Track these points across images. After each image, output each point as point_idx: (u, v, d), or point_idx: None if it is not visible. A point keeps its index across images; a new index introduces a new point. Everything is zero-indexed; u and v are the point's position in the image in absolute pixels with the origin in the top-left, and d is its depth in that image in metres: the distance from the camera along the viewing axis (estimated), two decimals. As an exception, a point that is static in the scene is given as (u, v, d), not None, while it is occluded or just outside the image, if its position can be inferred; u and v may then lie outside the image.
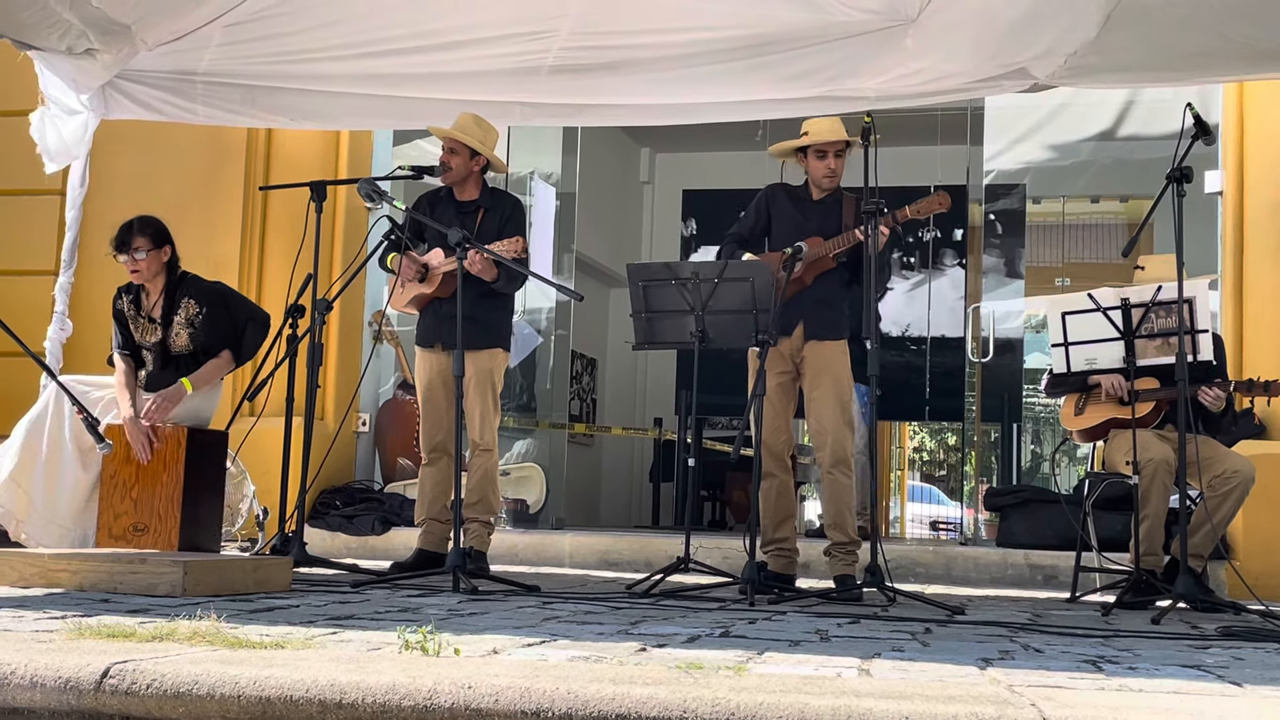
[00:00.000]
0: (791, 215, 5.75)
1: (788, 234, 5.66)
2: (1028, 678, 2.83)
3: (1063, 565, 6.58)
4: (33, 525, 5.56)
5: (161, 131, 7.58)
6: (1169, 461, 5.44)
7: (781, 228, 5.75)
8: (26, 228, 8.10)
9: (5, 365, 6.74)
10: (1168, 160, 5.16)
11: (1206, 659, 3.42)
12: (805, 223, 5.68)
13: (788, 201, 5.80)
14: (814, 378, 5.64)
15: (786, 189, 5.88)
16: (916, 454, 21.87)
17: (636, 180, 13.14)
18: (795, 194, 5.83)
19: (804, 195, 5.81)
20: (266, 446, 6.16)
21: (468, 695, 2.36)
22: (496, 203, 6.00)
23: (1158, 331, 5.37)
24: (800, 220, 5.71)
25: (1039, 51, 5.89)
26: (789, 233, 5.66)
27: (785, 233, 5.69)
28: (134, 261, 5.73)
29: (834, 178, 5.71)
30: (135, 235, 5.75)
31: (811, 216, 5.71)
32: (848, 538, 5.56)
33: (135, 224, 5.78)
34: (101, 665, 2.49)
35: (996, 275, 9.18)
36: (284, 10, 6.43)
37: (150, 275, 5.79)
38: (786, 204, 5.80)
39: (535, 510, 8.61)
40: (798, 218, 5.72)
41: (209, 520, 5.68)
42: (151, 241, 5.76)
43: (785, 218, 5.76)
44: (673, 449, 10.98)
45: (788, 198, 5.82)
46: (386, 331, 8.21)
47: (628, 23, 6.39)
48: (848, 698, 2.32)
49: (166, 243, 5.83)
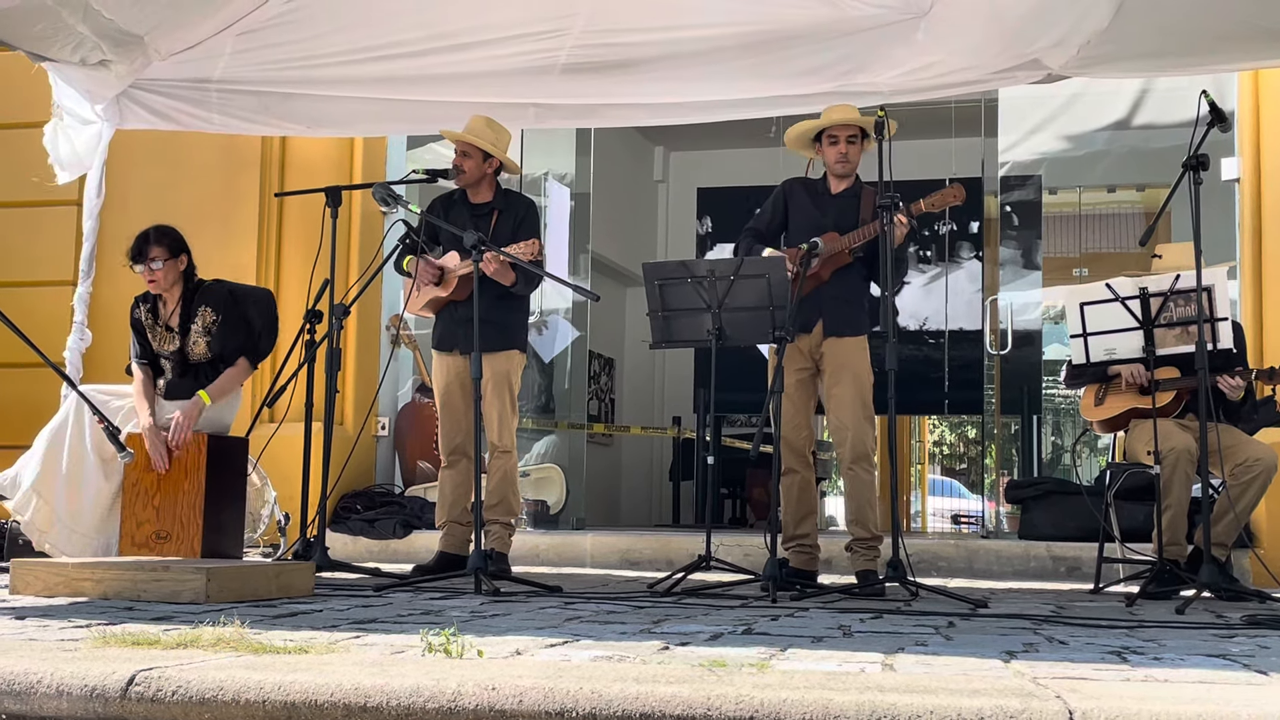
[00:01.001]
0: (808, 210, 5.72)
1: (804, 229, 5.63)
2: (1052, 670, 2.82)
3: (1085, 557, 6.56)
4: (56, 535, 5.58)
5: (177, 141, 7.60)
6: (1190, 451, 5.42)
7: (799, 222, 5.72)
8: (44, 238, 8.14)
9: (26, 376, 6.77)
10: (1183, 148, 5.14)
11: (1232, 648, 3.41)
12: (822, 217, 5.65)
13: (805, 196, 5.78)
14: (834, 374, 5.62)
15: (804, 183, 5.84)
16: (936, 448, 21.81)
17: (651, 179, 13.14)
18: (813, 188, 5.80)
19: (822, 189, 5.77)
20: (287, 452, 6.18)
21: (492, 696, 2.36)
22: (510, 205, 6.00)
23: (1177, 320, 5.35)
24: (817, 215, 5.68)
25: (1052, 42, 5.87)
26: (806, 227, 5.63)
27: (802, 227, 5.66)
28: (150, 271, 5.75)
29: (847, 164, 5.66)
30: (151, 245, 5.76)
31: (829, 211, 5.68)
32: (869, 534, 5.55)
33: (151, 234, 5.80)
34: (127, 673, 2.51)
35: (1013, 267, 9.14)
36: (295, 18, 6.44)
37: (167, 285, 5.80)
38: (804, 198, 5.77)
39: (556, 511, 8.62)
40: (814, 212, 5.69)
41: (231, 526, 5.70)
42: (168, 251, 5.78)
43: (802, 212, 5.74)
44: (692, 447, 10.98)
45: (805, 192, 5.79)
46: (404, 335, 8.22)
47: (639, 20, 6.39)
48: (872, 693, 2.32)
49: (183, 251, 5.84)
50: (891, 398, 5.09)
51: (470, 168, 5.91)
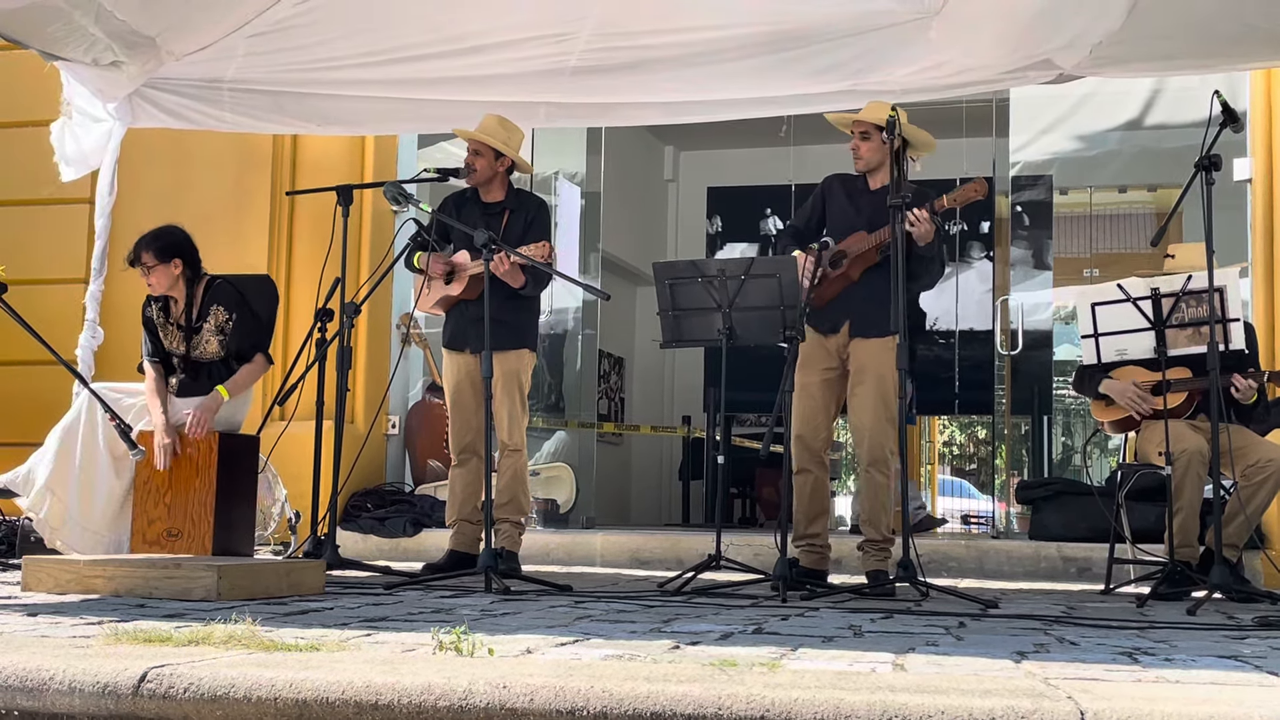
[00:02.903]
0: (844, 207, 5.70)
1: (840, 227, 5.63)
2: (1064, 670, 2.81)
3: (1096, 557, 6.54)
4: (68, 532, 5.60)
5: (188, 139, 7.62)
6: (1203, 452, 5.40)
7: (835, 220, 5.71)
8: (56, 237, 8.16)
9: (38, 373, 6.79)
10: (1195, 148, 5.12)
11: (1243, 649, 3.40)
12: (856, 215, 5.63)
13: (842, 193, 5.76)
14: (857, 374, 5.59)
15: (843, 180, 5.81)
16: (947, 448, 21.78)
17: (661, 178, 13.13)
18: (851, 185, 5.77)
19: (861, 186, 5.75)
20: (297, 450, 6.18)
21: (502, 695, 2.37)
22: (521, 204, 6.01)
23: (1188, 321, 5.33)
24: (852, 213, 5.66)
25: (1064, 42, 5.86)
26: (841, 225, 5.63)
27: (838, 225, 5.66)
28: (145, 275, 5.76)
29: (858, 159, 5.67)
30: (142, 251, 5.74)
31: (863, 209, 5.65)
32: (881, 535, 5.54)
33: (145, 239, 5.78)
34: (139, 670, 2.51)
35: (1024, 267, 9.13)
36: (306, 20, 6.45)
37: (165, 288, 5.79)
38: (841, 196, 5.75)
39: (566, 510, 8.62)
40: (850, 210, 5.68)
41: (242, 524, 5.71)
42: (156, 257, 5.73)
43: (839, 210, 5.72)
44: (702, 447, 10.97)
45: (843, 189, 5.77)
46: (414, 334, 8.23)
47: (650, 21, 6.39)
48: (882, 693, 2.32)
49: (175, 256, 5.77)
50: (901, 398, 5.08)
51: (482, 166, 5.92)
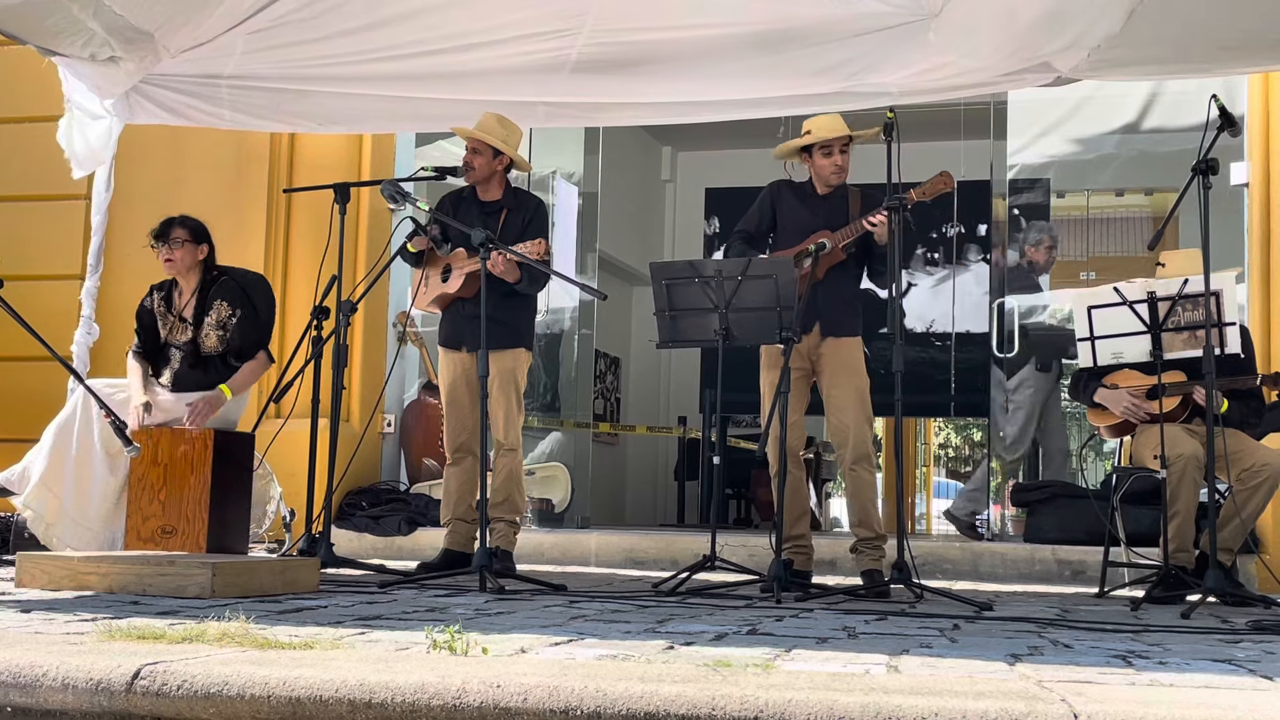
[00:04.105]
0: (798, 211, 5.75)
1: (795, 230, 5.68)
2: (1057, 673, 2.81)
3: (1091, 560, 6.55)
4: (62, 529, 5.60)
5: (185, 136, 7.61)
6: (1198, 456, 5.40)
7: (788, 224, 5.76)
8: (52, 233, 8.15)
9: (33, 370, 6.78)
10: (1193, 153, 5.13)
11: (1237, 653, 3.40)
12: (812, 218, 5.69)
13: (793, 198, 5.81)
14: (832, 375, 5.63)
15: (791, 185, 5.88)
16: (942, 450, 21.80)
17: (658, 179, 13.14)
18: (800, 190, 5.84)
19: (810, 191, 5.81)
20: (293, 448, 6.18)
21: (496, 694, 2.36)
22: (519, 203, 6.01)
23: (1184, 325, 5.33)
24: (807, 215, 5.72)
25: (1062, 45, 5.86)
26: (796, 229, 5.68)
27: (792, 229, 5.71)
28: (169, 250, 5.81)
29: (842, 173, 5.73)
30: (175, 226, 5.87)
31: (818, 211, 5.72)
32: (873, 533, 5.55)
33: (178, 218, 5.92)
34: (132, 667, 2.51)
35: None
36: (305, 17, 6.43)
37: (184, 269, 5.86)
38: (792, 200, 5.80)
39: (561, 509, 8.62)
40: (804, 213, 5.73)
41: (236, 522, 5.71)
42: (190, 235, 5.87)
43: (791, 214, 5.77)
44: (697, 447, 10.97)
45: (793, 194, 5.83)
46: (411, 333, 8.22)
47: (649, 19, 6.38)
48: (876, 694, 2.32)
49: (205, 241, 5.93)
50: (898, 399, 5.09)
51: (480, 165, 5.92)
